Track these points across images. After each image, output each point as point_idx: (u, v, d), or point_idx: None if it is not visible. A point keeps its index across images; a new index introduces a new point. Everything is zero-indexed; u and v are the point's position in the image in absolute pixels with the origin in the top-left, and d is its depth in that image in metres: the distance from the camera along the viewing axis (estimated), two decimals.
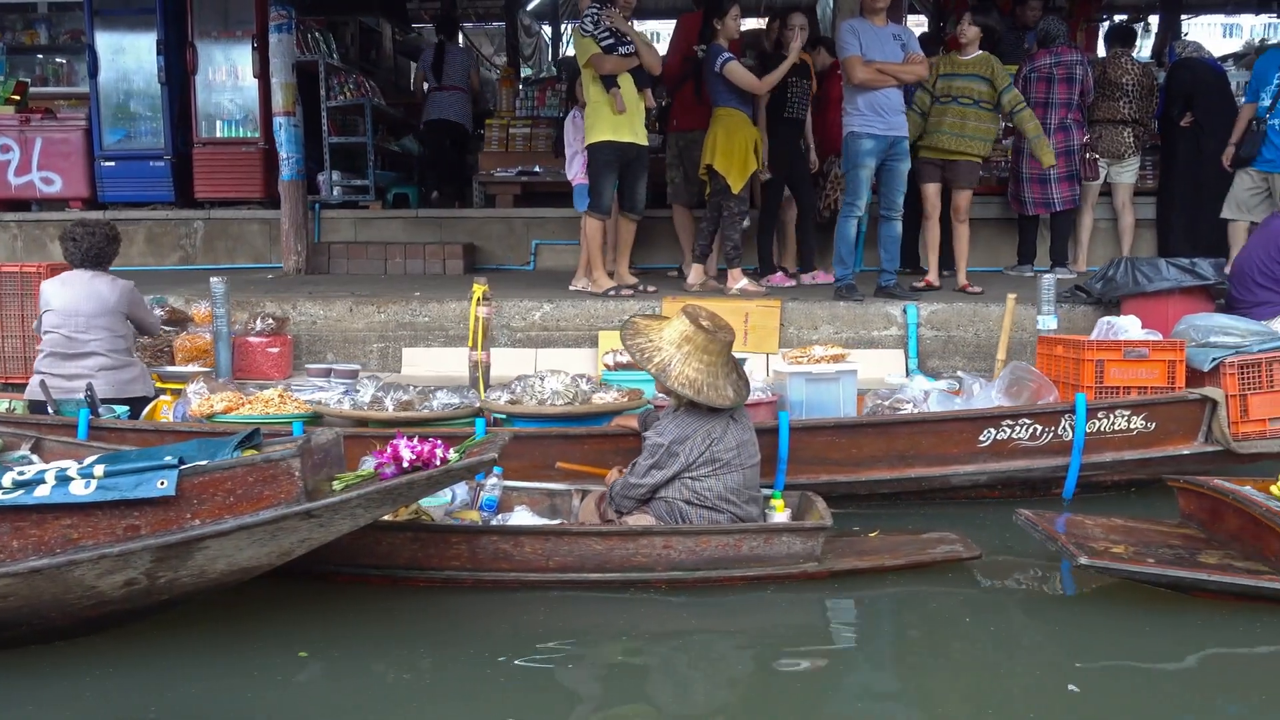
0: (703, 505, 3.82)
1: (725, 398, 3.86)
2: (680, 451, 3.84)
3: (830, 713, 2.98)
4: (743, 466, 3.90)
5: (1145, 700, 3.02)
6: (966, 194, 7.28)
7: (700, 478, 3.83)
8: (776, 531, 3.74)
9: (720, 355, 3.91)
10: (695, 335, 3.88)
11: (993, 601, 3.74)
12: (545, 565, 3.65)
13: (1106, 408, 4.64)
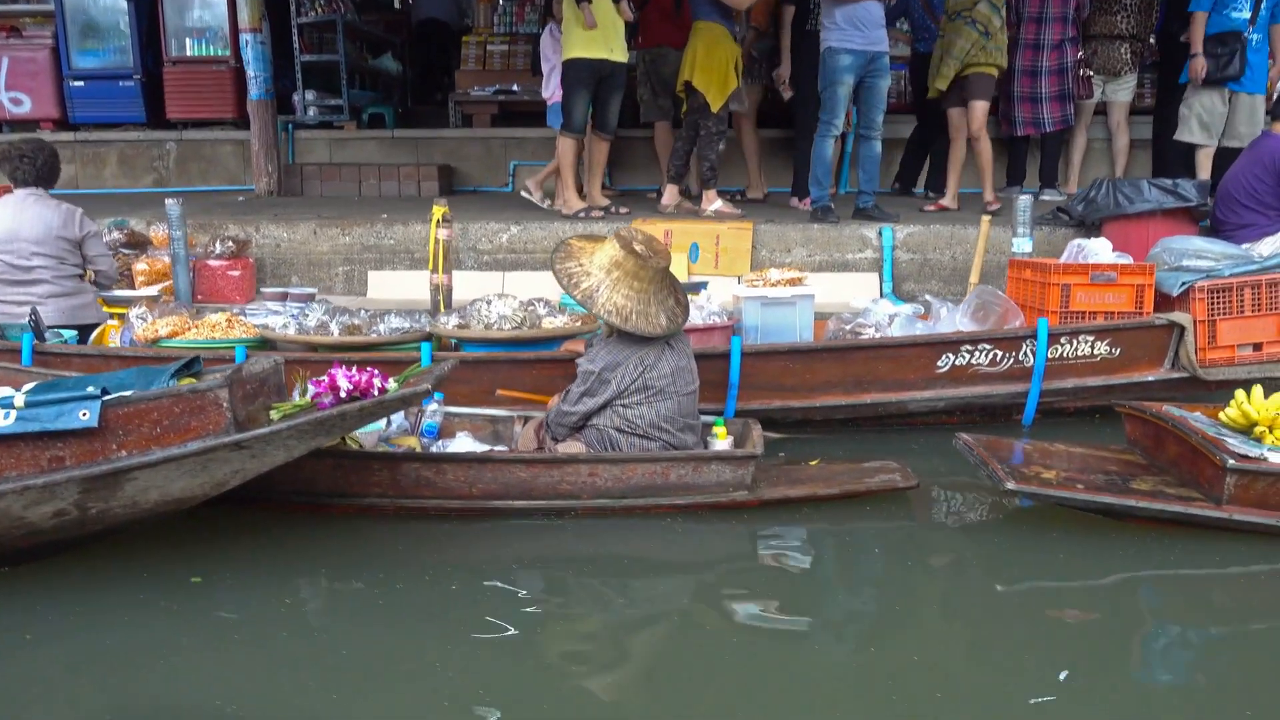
0: (634, 433, 3.73)
1: (656, 326, 3.74)
2: (612, 379, 3.74)
3: (746, 641, 2.90)
4: (678, 394, 3.79)
5: (1058, 627, 2.98)
6: (982, 105, 7.07)
7: (632, 405, 3.74)
8: (705, 460, 3.65)
9: (653, 282, 3.78)
10: (625, 261, 3.74)
11: (920, 531, 3.65)
12: (469, 492, 3.57)
13: (1069, 333, 4.50)
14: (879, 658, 2.80)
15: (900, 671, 2.70)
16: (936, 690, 2.59)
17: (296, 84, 9.12)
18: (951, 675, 2.70)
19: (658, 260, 3.81)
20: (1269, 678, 2.71)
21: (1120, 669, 2.76)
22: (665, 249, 3.89)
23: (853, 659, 2.81)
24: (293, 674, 2.71)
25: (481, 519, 3.61)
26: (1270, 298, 4.54)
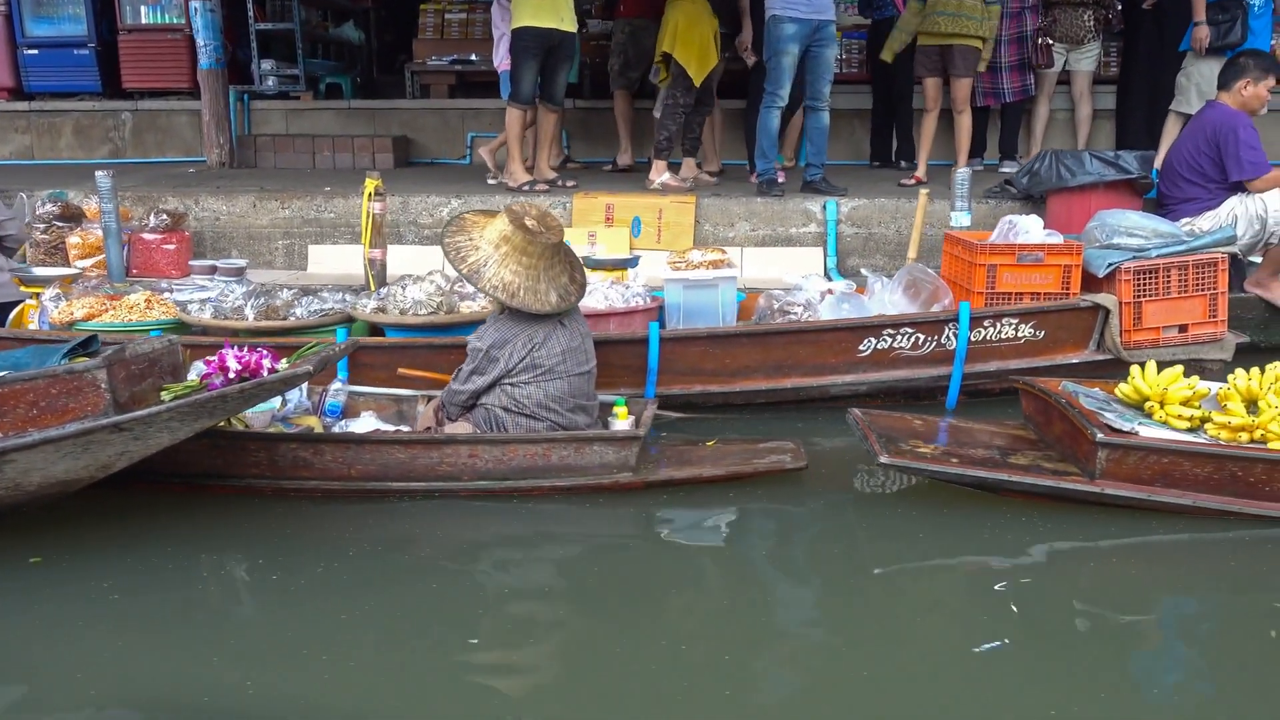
0: (521, 413, 3.69)
1: (546, 303, 3.68)
2: (500, 357, 3.69)
3: (623, 624, 2.89)
4: (568, 374, 3.74)
5: (915, 603, 3.02)
6: (966, 83, 6.95)
7: (520, 384, 3.69)
8: (587, 441, 3.61)
9: (543, 258, 3.71)
10: (514, 235, 3.67)
11: (802, 511, 3.62)
12: (347, 474, 3.54)
13: (992, 316, 4.44)
14: (750, 638, 2.79)
15: (766, 650, 2.72)
16: (798, 666, 2.62)
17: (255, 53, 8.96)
18: (806, 650, 2.74)
19: (549, 236, 3.74)
20: (1127, 650, 2.74)
21: (965, 644, 2.76)
22: (559, 225, 3.82)
23: (726, 640, 2.78)
24: (157, 657, 2.70)
25: (362, 500, 3.57)
26: (1197, 279, 4.47)
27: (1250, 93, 5.29)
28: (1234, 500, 3.32)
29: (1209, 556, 3.25)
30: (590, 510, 3.58)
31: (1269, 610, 2.95)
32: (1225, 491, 3.32)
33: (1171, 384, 3.46)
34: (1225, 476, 3.30)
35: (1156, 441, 3.33)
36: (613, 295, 4.56)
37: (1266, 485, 3.29)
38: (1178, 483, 3.32)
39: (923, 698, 2.50)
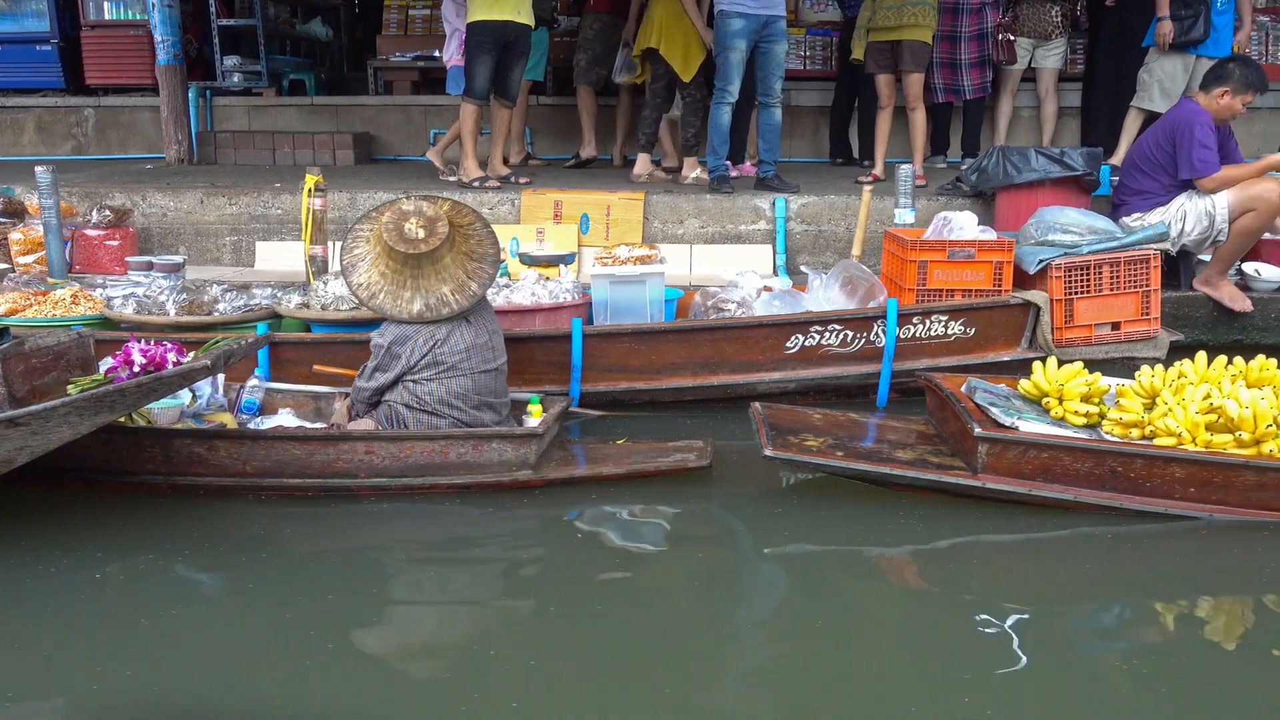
0: (422, 410, 3.63)
1: (404, 311, 3.62)
2: (401, 353, 3.64)
3: (513, 623, 2.86)
4: (472, 371, 3.68)
5: (793, 597, 3.02)
6: (916, 78, 6.89)
7: (422, 381, 3.63)
8: (485, 438, 3.55)
9: (410, 265, 3.60)
10: (384, 237, 3.59)
11: (699, 509, 3.57)
12: (242, 470, 3.49)
13: (921, 313, 4.38)
14: (644, 634, 2.76)
15: (663, 644, 2.70)
16: (687, 663, 2.59)
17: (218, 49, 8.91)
18: (702, 646, 2.70)
19: (418, 245, 3.59)
20: (1005, 643, 2.70)
21: (838, 640, 2.75)
22: (443, 232, 3.63)
23: (620, 639, 2.75)
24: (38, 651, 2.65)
25: (257, 497, 3.52)
26: (1130, 276, 4.40)
27: (1225, 102, 5.19)
28: (1115, 496, 3.29)
29: (1090, 551, 3.22)
30: (487, 508, 3.52)
31: (1143, 604, 2.93)
32: (1106, 487, 3.28)
33: (1069, 380, 3.42)
34: (1106, 472, 3.26)
35: (1035, 436, 3.30)
36: (539, 291, 4.50)
37: (1146, 481, 3.26)
38: (1059, 478, 3.29)
39: (797, 692, 2.46)
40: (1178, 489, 3.25)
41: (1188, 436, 3.27)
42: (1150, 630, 2.86)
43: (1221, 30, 6.68)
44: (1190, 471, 3.22)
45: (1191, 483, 3.23)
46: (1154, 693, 2.48)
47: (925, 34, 6.80)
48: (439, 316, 3.66)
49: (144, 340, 3.61)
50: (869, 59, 6.95)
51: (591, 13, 7.73)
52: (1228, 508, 3.27)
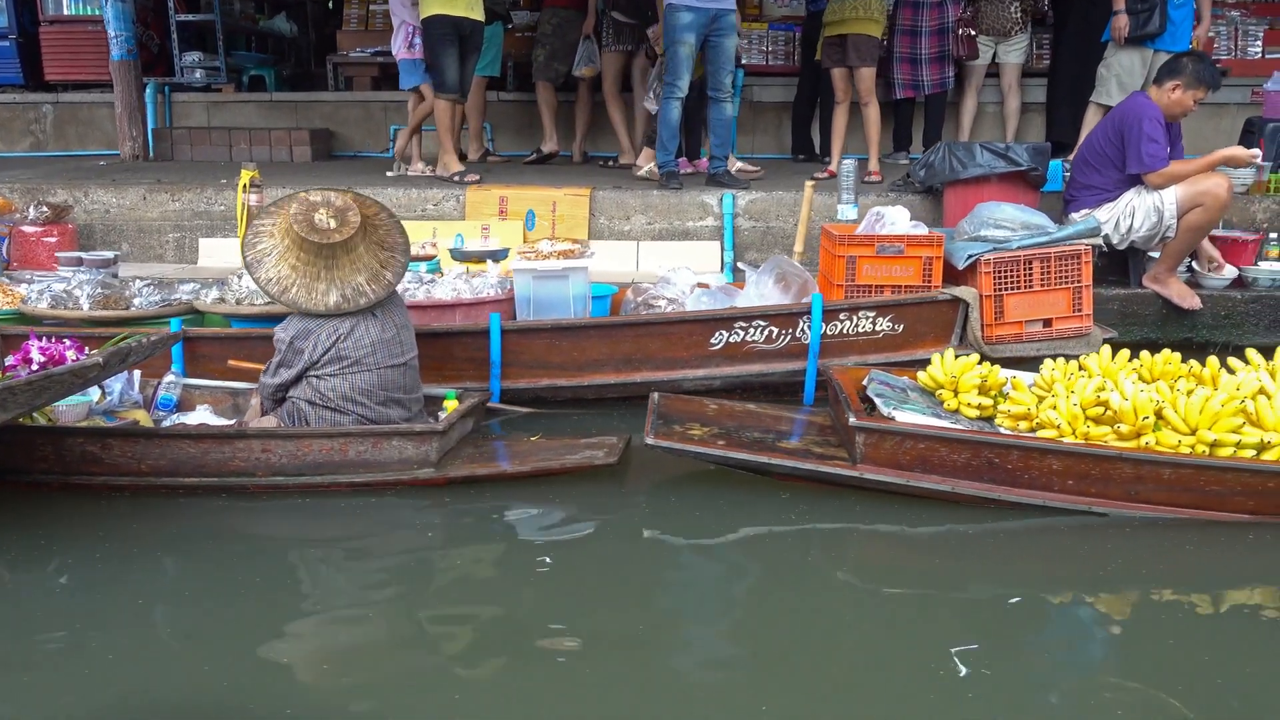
0: (325, 406, 3.55)
1: (321, 303, 3.53)
2: (304, 348, 3.55)
3: (396, 623, 2.79)
4: (378, 366, 3.59)
5: (677, 585, 3.03)
6: (868, 73, 6.81)
7: (325, 377, 3.55)
8: (385, 435, 3.47)
9: (323, 256, 3.52)
10: (292, 229, 3.50)
11: (594, 506, 3.47)
12: (137, 469, 3.40)
13: (848, 309, 4.28)
14: (530, 631, 2.71)
15: (545, 639, 2.66)
16: (565, 656, 2.57)
17: (178, 44, 8.84)
18: (580, 638, 2.67)
19: (331, 235, 3.51)
20: (878, 630, 2.71)
21: (713, 631, 2.74)
22: (355, 221, 3.56)
23: (503, 637, 2.70)
24: None
25: (152, 497, 3.43)
26: (1061, 271, 4.31)
27: (1176, 97, 5.09)
28: (994, 487, 3.25)
29: (966, 542, 3.19)
30: (385, 507, 3.44)
31: (1015, 594, 2.88)
32: (985, 478, 3.24)
33: (963, 372, 3.35)
34: (983, 463, 3.22)
35: (911, 427, 3.26)
36: (461, 286, 4.41)
37: (1024, 473, 3.21)
38: (937, 468, 3.25)
39: (674, 684, 2.45)
40: (1056, 481, 3.20)
41: (1068, 428, 3.23)
42: (1016, 621, 2.78)
43: (1179, 24, 6.59)
44: (1067, 464, 3.17)
45: (1069, 475, 3.18)
46: (1016, 679, 2.46)
47: (871, 28, 6.69)
48: (356, 307, 3.58)
49: (44, 338, 3.53)
50: (825, 54, 6.87)
51: (550, 7, 7.67)
52: (1108, 501, 3.21)
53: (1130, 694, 2.37)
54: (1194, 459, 3.13)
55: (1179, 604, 2.88)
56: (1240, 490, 3.14)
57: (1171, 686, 2.39)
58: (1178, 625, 2.76)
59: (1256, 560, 3.07)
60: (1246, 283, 5.45)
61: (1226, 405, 3.18)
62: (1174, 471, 3.12)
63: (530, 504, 3.49)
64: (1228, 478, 3.12)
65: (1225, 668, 2.49)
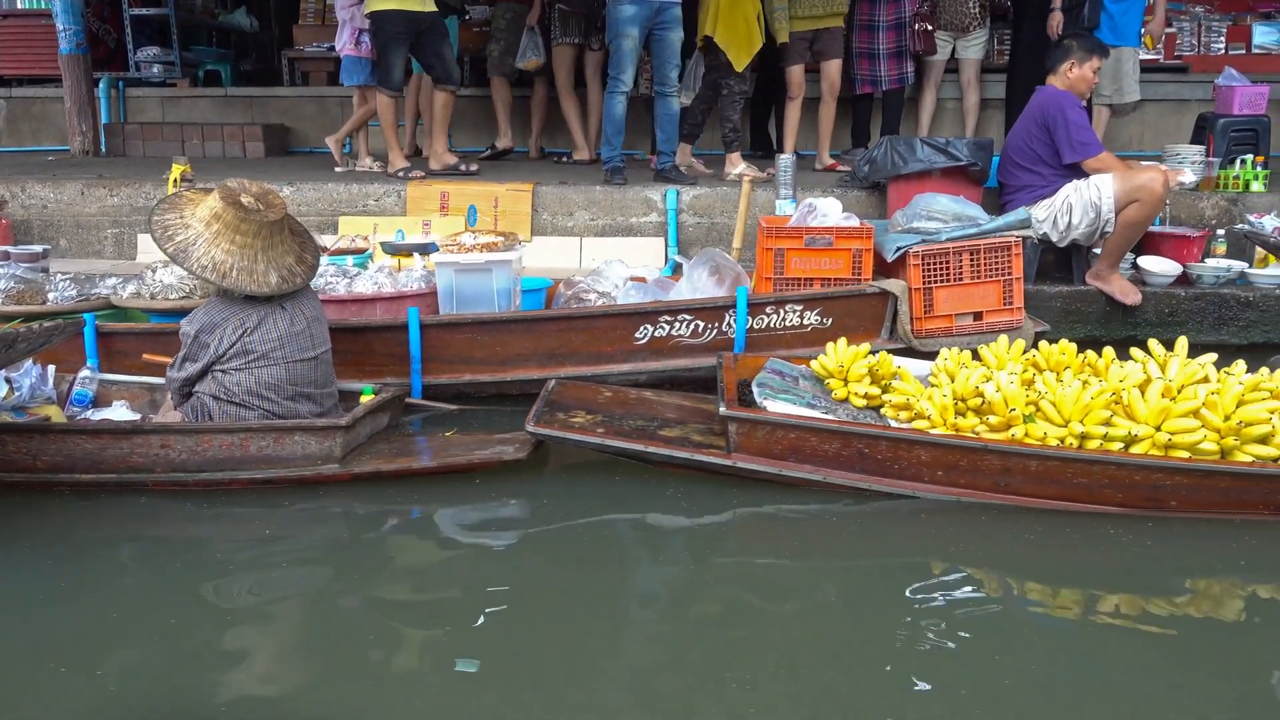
0: (230, 401, 3.47)
1: (264, 284, 3.46)
2: (210, 341, 3.48)
3: (290, 620, 2.74)
4: (286, 360, 3.51)
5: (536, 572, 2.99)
6: (836, 64, 6.79)
7: (230, 371, 3.47)
8: (287, 431, 3.39)
9: (261, 236, 3.48)
10: (225, 212, 3.45)
11: (495, 500, 3.42)
12: (33, 465, 3.32)
13: (774, 302, 4.21)
14: (421, 626, 2.69)
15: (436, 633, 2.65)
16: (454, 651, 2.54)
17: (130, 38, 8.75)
18: (472, 631, 2.64)
19: (266, 214, 3.51)
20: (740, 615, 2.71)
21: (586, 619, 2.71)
22: (281, 203, 3.60)
23: (394, 632, 2.65)
24: None
25: (48, 493, 3.35)
26: (990, 264, 4.24)
27: (1076, 74, 5.07)
28: (864, 477, 3.24)
29: (836, 532, 3.18)
30: (285, 504, 3.36)
31: (885, 585, 2.87)
32: (855, 468, 3.23)
33: (852, 362, 3.31)
34: (853, 453, 3.20)
35: (778, 417, 3.26)
36: (382, 280, 4.32)
37: (894, 463, 3.19)
38: (809, 458, 3.24)
39: (552, 674, 2.43)
40: (926, 472, 3.18)
41: (938, 419, 3.21)
42: (880, 612, 2.74)
43: (1119, 18, 6.58)
44: (934, 454, 3.15)
45: (938, 466, 3.16)
46: (888, 667, 2.44)
47: (840, 21, 6.71)
48: (294, 287, 3.56)
49: None
50: (791, 50, 6.77)
51: (504, 3, 7.59)
52: (978, 492, 3.18)
53: (986, 670, 2.42)
54: (1058, 451, 3.10)
55: (1029, 592, 2.87)
56: (1107, 483, 3.10)
57: (1014, 665, 2.43)
58: (1026, 614, 2.75)
59: (1116, 553, 3.01)
60: (1191, 280, 5.38)
61: (1097, 398, 3.16)
62: (1040, 463, 3.09)
63: (434, 500, 3.42)
64: (1094, 470, 3.08)
65: (1069, 651, 2.51)
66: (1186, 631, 2.67)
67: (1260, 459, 3.12)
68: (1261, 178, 5.85)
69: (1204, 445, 3.10)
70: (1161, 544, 3.02)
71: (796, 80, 6.85)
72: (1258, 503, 3.09)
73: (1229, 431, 3.11)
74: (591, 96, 7.53)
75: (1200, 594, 2.88)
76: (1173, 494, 3.08)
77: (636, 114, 7.63)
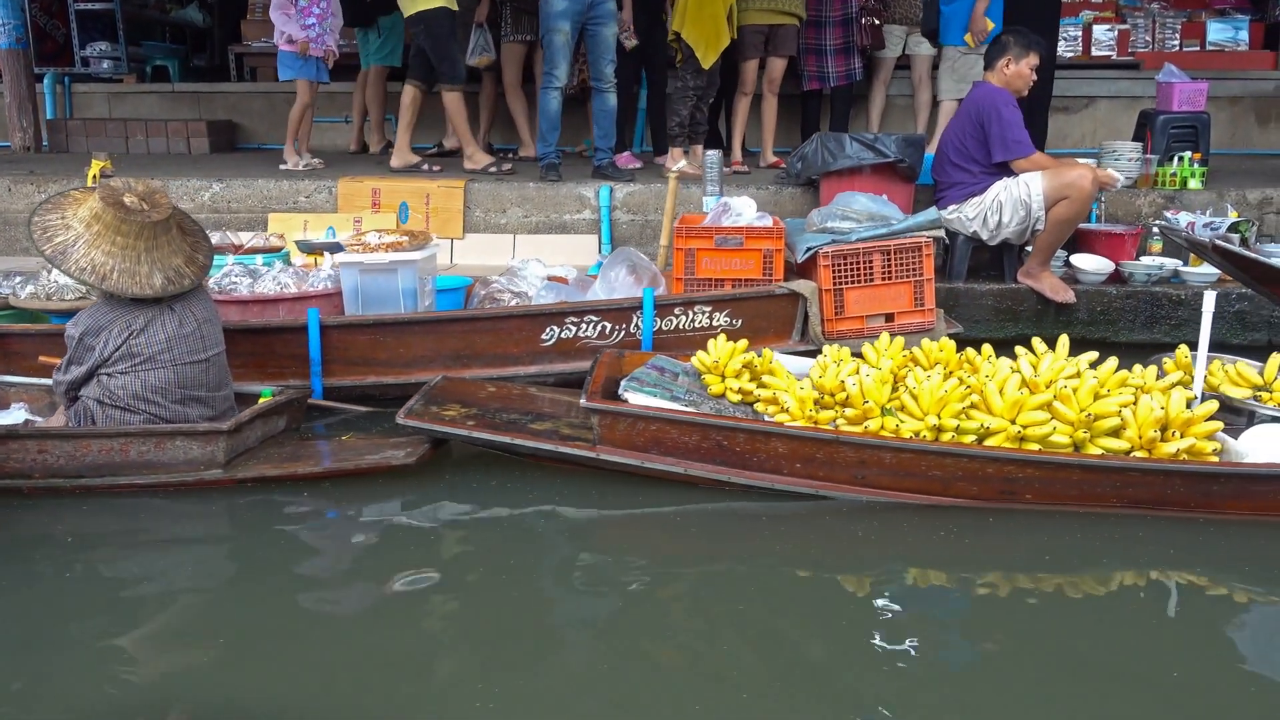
0: (114, 405, 3.38)
1: (147, 286, 3.37)
2: (95, 344, 3.39)
3: (160, 627, 2.65)
4: (175, 363, 3.43)
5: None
6: (783, 63, 6.74)
7: (115, 374, 3.38)
8: (168, 435, 3.31)
9: (144, 238, 3.39)
10: (105, 213, 3.36)
11: (381, 505, 3.35)
12: None
13: (683, 303, 4.13)
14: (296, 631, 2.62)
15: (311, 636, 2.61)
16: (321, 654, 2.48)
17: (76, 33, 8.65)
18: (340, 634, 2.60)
19: (150, 214, 3.42)
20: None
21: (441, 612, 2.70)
22: (167, 203, 3.50)
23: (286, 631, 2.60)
24: None
25: None
26: (901, 265, 4.17)
27: (1012, 71, 5.00)
28: (725, 470, 3.21)
29: (695, 524, 3.16)
30: (166, 510, 3.27)
31: (736, 575, 2.85)
32: (716, 461, 3.20)
33: (729, 357, 3.28)
34: (713, 446, 3.17)
35: (641, 409, 3.23)
36: (286, 280, 4.24)
37: (751, 455, 3.16)
38: (671, 450, 3.22)
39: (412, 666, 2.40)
40: (784, 464, 3.15)
41: (797, 411, 3.20)
42: (735, 605, 2.70)
43: (950, 19, 6.63)
44: (791, 447, 3.12)
45: (796, 458, 3.13)
46: (749, 656, 2.43)
47: (794, 20, 6.66)
48: (182, 289, 3.47)
49: None
50: (746, 44, 6.67)
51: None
52: (836, 485, 3.16)
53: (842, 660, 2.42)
54: (910, 443, 3.08)
55: (888, 582, 2.83)
56: (962, 475, 3.07)
57: (868, 657, 2.42)
58: (859, 606, 2.71)
59: (961, 544, 2.98)
60: (1123, 278, 5.33)
61: (953, 391, 3.14)
62: (894, 456, 3.07)
63: (317, 505, 3.33)
64: (947, 463, 3.06)
65: (918, 637, 2.50)
66: (1023, 625, 2.60)
67: (1111, 452, 3.09)
68: (1199, 175, 5.79)
69: (1055, 438, 3.08)
70: (1013, 536, 3.00)
71: (750, 76, 6.77)
72: (1110, 495, 3.06)
73: (1082, 425, 3.09)
74: (514, 96, 7.45)
75: (1052, 587, 2.81)
76: (1026, 487, 3.05)
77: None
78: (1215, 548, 2.97)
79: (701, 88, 6.48)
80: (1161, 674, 2.36)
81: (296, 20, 6.72)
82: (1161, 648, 2.49)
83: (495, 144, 8.08)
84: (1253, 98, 8.14)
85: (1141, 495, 3.04)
